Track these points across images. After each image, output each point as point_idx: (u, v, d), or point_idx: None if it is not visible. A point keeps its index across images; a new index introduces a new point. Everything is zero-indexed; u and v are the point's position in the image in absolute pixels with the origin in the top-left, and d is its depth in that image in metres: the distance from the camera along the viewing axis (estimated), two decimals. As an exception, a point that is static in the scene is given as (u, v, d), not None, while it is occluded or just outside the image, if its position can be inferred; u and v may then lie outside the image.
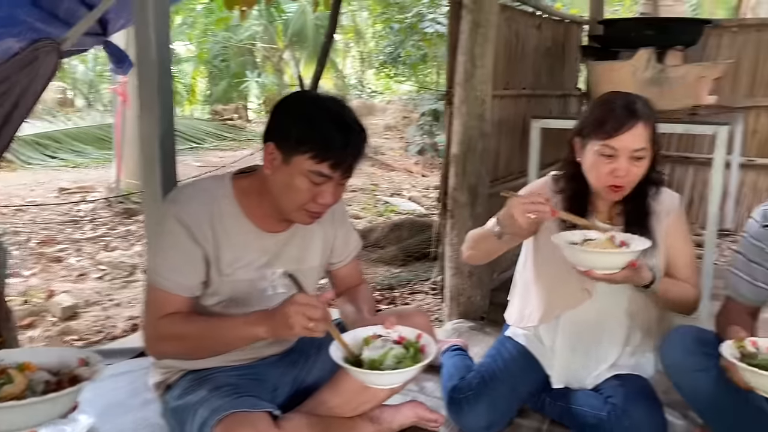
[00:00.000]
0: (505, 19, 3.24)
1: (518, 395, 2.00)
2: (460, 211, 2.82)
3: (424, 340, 1.63)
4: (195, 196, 1.69)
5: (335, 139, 1.56)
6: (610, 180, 1.81)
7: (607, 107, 1.83)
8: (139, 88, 2.35)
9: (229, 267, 1.68)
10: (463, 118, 2.74)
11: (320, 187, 1.59)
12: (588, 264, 1.69)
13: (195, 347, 1.62)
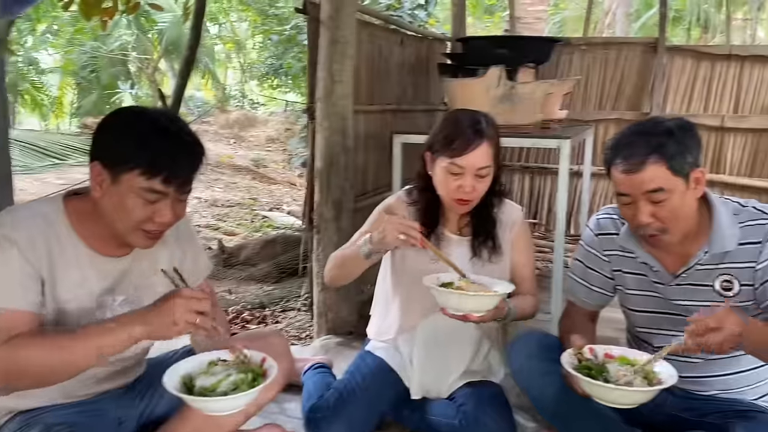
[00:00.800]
0: (367, 36, 3.29)
1: (376, 410, 2.01)
2: (326, 225, 2.82)
3: (268, 363, 1.59)
4: (26, 218, 1.55)
5: (164, 152, 1.48)
6: (458, 195, 1.89)
7: (455, 127, 1.91)
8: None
9: (66, 294, 1.56)
10: (325, 133, 2.75)
11: (156, 205, 1.50)
12: (465, 308, 1.76)
13: (51, 367, 1.44)
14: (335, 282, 2.08)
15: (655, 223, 1.62)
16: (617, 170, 1.64)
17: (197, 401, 1.46)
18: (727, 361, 1.73)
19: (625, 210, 1.69)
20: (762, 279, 1.63)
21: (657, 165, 1.58)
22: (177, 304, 1.40)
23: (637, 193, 1.62)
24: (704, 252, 1.67)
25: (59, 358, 1.44)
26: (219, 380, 1.52)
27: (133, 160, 1.46)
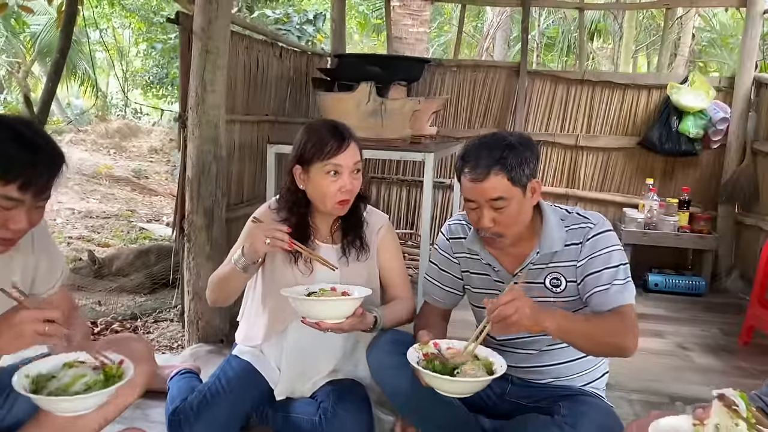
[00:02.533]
0: (244, 47, 3.35)
1: (240, 411, 2.05)
2: (197, 234, 2.83)
3: (125, 365, 1.62)
4: None
5: (20, 158, 1.48)
6: (339, 196, 1.97)
7: (321, 133, 2.00)
8: None
9: None
10: (196, 142, 2.77)
11: (10, 212, 1.50)
12: (317, 314, 1.84)
13: None
14: (218, 303, 2.10)
15: (494, 227, 1.80)
16: (465, 179, 1.81)
17: (45, 401, 1.46)
18: (558, 352, 1.94)
19: (471, 214, 1.86)
20: (582, 275, 1.84)
21: (499, 176, 1.76)
22: (24, 317, 1.40)
23: (481, 200, 1.79)
24: (536, 252, 1.87)
25: None
26: (72, 380, 1.52)
27: None
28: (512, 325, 1.62)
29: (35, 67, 16.33)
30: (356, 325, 1.89)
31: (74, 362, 1.59)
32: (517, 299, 1.60)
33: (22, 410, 1.78)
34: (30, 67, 15.48)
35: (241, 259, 1.92)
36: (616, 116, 4.56)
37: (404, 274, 2.24)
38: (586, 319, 1.77)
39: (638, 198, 4.36)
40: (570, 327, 1.68)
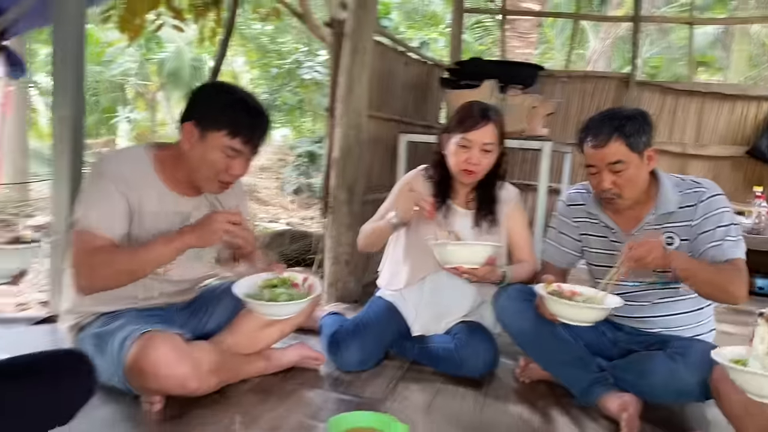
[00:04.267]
0: (379, 54, 3.80)
1: (384, 340, 2.43)
2: (339, 207, 3.27)
3: (310, 280, 2.04)
4: (121, 161, 2.01)
5: (246, 120, 1.96)
6: (465, 165, 2.33)
7: (467, 110, 2.38)
8: (54, 82, 2.63)
9: (148, 223, 1.99)
10: (343, 128, 3.22)
11: (232, 161, 1.97)
12: (457, 259, 2.17)
13: (127, 269, 1.87)
14: (366, 249, 2.51)
15: (613, 188, 2.09)
16: (587, 146, 2.11)
17: (258, 305, 1.90)
18: (669, 305, 2.18)
19: (592, 178, 2.16)
20: (696, 233, 2.09)
21: (618, 143, 2.05)
22: (216, 217, 1.88)
23: (601, 164, 2.09)
24: (652, 214, 2.14)
25: (136, 259, 1.89)
26: (277, 293, 1.96)
27: (222, 123, 1.92)
28: (646, 264, 1.90)
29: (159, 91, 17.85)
30: (488, 274, 2.23)
31: (266, 281, 2.03)
32: (651, 242, 1.89)
33: (214, 322, 2.25)
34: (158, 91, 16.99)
35: (394, 219, 2.31)
36: (725, 126, 4.68)
37: (529, 241, 2.55)
38: (708, 265, 1.99)
39: (745, 205, 4.45)
40: (694, 268, 1.93)
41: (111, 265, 1.86)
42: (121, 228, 1.93)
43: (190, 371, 1.84)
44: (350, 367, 2.34)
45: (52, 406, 1.34)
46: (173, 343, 1.85)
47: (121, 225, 1.93)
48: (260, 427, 1.85)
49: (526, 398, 2.22)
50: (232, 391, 2.08)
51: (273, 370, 2.25)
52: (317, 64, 13.11)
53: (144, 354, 1.79)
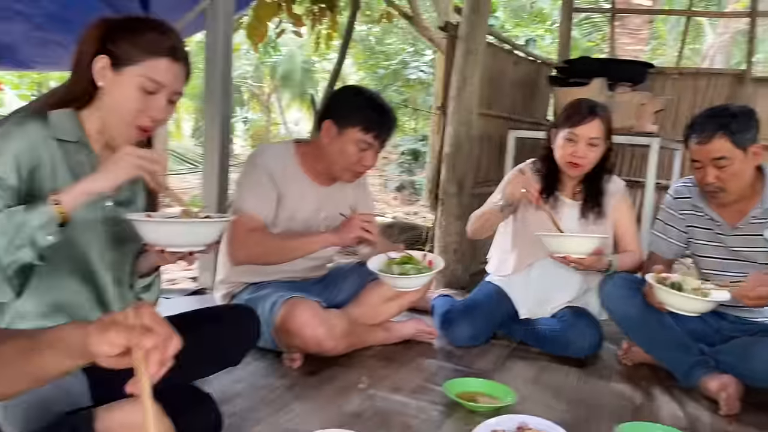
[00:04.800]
0: (490, 54, 3.99)
1: (493, 320, 2.63)
2: (449, 199, 3.50)
3: (430, 257, 2.28)
4: (272, 153, 2.36)
5: (376, 117, 2.25)
6: (570, 158, 2.47)
7: (576, 106, 2.53)
8: (205, 85, 3.03)
9: (291, 207, 2.33)
10: (454, 125, 3.45)
11: (364, 153, 2.26)
12: (566, 249, 2.30)
13: (276, 253, 2.24)
14: (475, 235, 2.69)
15: (717, 183, 2.18)
16: (692, 142, 2.22)
17: (396, 278, 2.16)
18: None
19: (696, 173, 2.26)
20: None
21: (722, 140, 2.13)
22: (354, 222, 2.15)
23: (705, 160, 2.18)
24: (758, 208, 2.21)
25: (285, 248, 2.25)
26: (405, 269, 2.22)
27: (357, 119, 2.22)
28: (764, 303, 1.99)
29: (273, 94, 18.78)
30: (595, 263, 2.35)
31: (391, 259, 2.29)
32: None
33: (344, 295, 2.54)
34: (272, 92, 17.92)
35: (501, 201, 2.50)
36: None
37: (635, 232, 2.65)
38: None
39: None
40: None
41: (263, 246, 2.22)
42: (270, 212, 2.28)
43: (327, 333, 2.14)
44: (461, 342, 2.56)
45: (229, 347, 1.66)
46: (313, 308, 2.16)
47: (270, 209, 2.28)
48: (384, 387, 2.10)
49: (629, 378, 2.35)
50: (357, 355, 2.36)
51: (393, 340, 2.52)
52: (423, 64, 13.38)
53: (290, 316, 2.11)
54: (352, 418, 1.85)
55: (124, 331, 0.81)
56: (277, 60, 16.93)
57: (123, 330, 0.81)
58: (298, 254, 2.27)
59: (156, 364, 0.80)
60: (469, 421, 1.87)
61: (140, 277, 1.66)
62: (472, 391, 2.07)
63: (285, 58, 16.94)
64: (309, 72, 18.03)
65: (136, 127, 1.46)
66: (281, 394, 2.01)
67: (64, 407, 1.38)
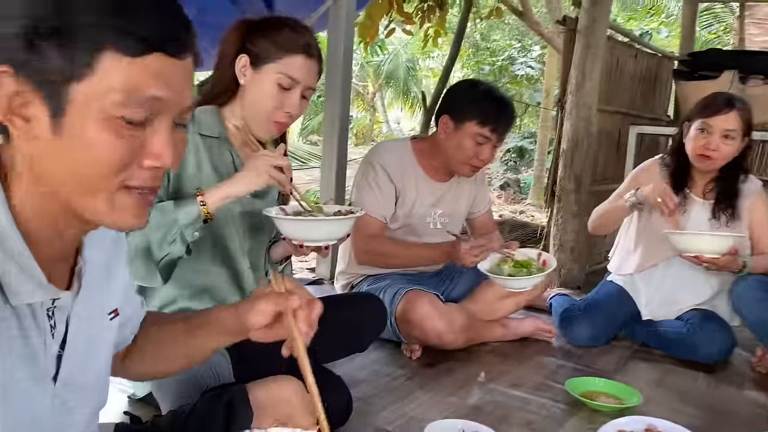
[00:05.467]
0: (609, 48, 3.87)
1: (614, 320, 2.56)
2: (566, 197, 3.43)
3: (544, 256, 2.26)
4: (389, 151, 2.40)
5: (493, 110, 2.25)
6: (701, 150, 2.33)
7: (711, 98, 2.40)
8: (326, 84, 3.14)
9: (409, 203, 2.37)
10: (572, 121, 3.38)
11: (482, 147, 2.26)
12: (699, 248, 2.20)
13: (395, 261, 2.35)
14: (597, 231, 2.64)
15: None
16: None
17: (505, 279, 2.16)
18: None
19: None
20: None
21: None
22: (462, 250, 2.19)
23: None
24: None
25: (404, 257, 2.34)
26: (516, 270, 2.22)
27: (474, 113, 2.22)
28: None
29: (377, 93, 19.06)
30: (729, 263, 2.23)
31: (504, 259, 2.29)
32: None
33: (459, 291, 2.56)
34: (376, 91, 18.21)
35: (632, 198, 2.42)
36: None
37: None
38: None
39: None
40: None
41: (383, 256, 2.33)
42: (389, 211, 2.34)
43: (447, 326, 2.17)
44: (581, 341, 2.51)
45: (360, 332, 1.72)
46: (434, 301, 2.20)
47: (389, 209, 2.34)
48: (503, 382, 2.11)
49: (763, 386, 2.22)
50: (475, 350, 2.38)
51: (510, 337, 2.51)
52: (530, 60, 13.13)
53: (411, 307, 2.16)
54: (473, 411, 1.87)
55: (272, 297, 0.88)
56: (381, 59, 17.17)
57: (271, 297, 0.88)
58: (416, 265, 2.41)
59: (305, 322, 0.85)
60: (593, 420, 1.84)
61: (273, 264, 1.77)
62: (595, 390, 2.03)
63: (389, 57, 17.14)
64: (412, 71, 18.15)
65: (274, 122, 1.55)
66: (403, 383, 2.06)
67: (211, 383, 1.50)
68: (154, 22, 0.66)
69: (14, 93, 0.64)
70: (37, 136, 0.66)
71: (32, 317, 0.72)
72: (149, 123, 0.69)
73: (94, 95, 0.65)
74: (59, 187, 0.69)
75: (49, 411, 0.76)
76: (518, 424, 1.81)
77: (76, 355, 0.80)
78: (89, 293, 0.82)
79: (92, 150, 0.66)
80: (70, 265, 0.80)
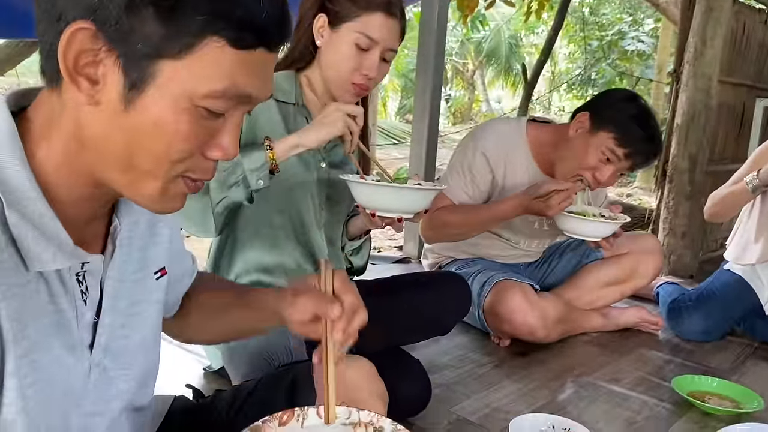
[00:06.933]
0: (734, 12, 3.48)
1: (732, 313, 2.30)
2: (679, 177, 3.12)
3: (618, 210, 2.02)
4: (496, 136, 2.14)
5: (639, 136, 1.92)
6: None
7: None
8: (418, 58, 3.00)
9: (509, 189, 2.12)
10: (689, 93, 3.06)
11: (606, 165, 1.95)
12: None
13: (456, 230, 2.07)
14: (714, 218, 2.37)
15: None
16: None
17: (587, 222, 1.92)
18: None
19: None
20: None
21: None
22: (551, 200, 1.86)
23: None
24: None
25: (472, 219, 2.05)
26: None
27: (615, 127, 1.91)
28: None
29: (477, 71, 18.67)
30: None
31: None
32: None
33: (557, 276, 2.37)
34: (476, 69, 17.83)
35: (755, 180, 2.14)
36: None
37: None
38: None
39: None
40: None
41: (445, 223, 2.06)
42: (472, 199, 2.11)
43: (540, 322, 2.00)
44: (692, 335, 2.27)
45: (440, 313, 1.60)
46: (525, 294, 2.02)
47: (473, 196, 2.10)
48: (601, 377, 1.92)
49: None
50: (571, 340, 2.20)
51: (610, 328, 2.30)
52: (642, 35, 12.34)
53: (500, 300, 2.00)
54: (566, 405, 1.72)
55: (313, 298, 0.81)
56: (482, 35, 16.75)
57: (313, 298, 0.81)
58: (487, 226, 2.09)
59: (341, 332, 0.78)
60: (704, 424, 1.65)
61: (350, 240, 1.67)
62: (707, 391, 1.82)
63: (491, 34, 16.69)
64: (515, 47, 17.59)
65: (352, 84, 1.45)
66: (489, 370, 1.92)
67: (284, 360, 1.43)
68: (267, 17, 0.61)
69: (88, 51, 0.57)
70: (100, 103, 0.59)
71: (60, 282, 0.66)
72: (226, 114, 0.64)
73: (185, 79, 0.59)
74: (106, 161, 0.62)
75: (83, 381, 0.71)
76: (617, 423, 1.63)
77: (117, 319, 0.75)
78: (129, 254, 0.76)
79: (164, 134, 0.60)
80: (104, 226, 0.73)
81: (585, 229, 1.95)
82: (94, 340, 0.72)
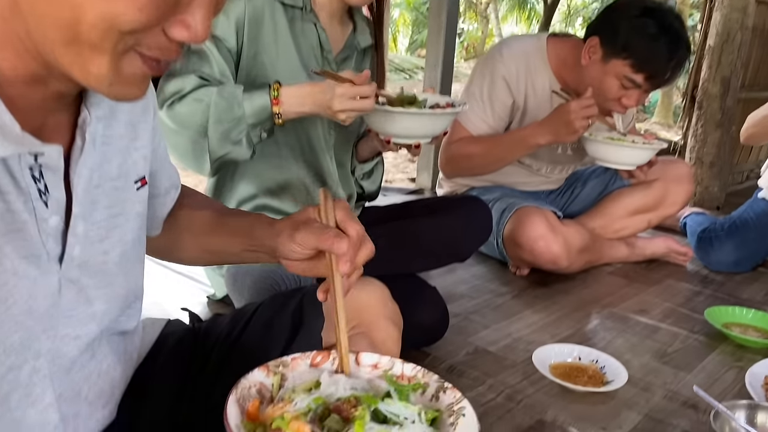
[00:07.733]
0: None
1: (765, 243, 2.17)
2: (709, 102, 2.94)
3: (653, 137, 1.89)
4: (516, 59, 1.93)
5: (659, 54, 1.70)
6: None
7: None
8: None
9: (531, 115, 1.96)
10: (724, 12, 2.84)
11: (627, 92, 1.77)
12: None
13: (480, 162, 1.93)
14: (751, 140, 2.23)
15: None
16: None
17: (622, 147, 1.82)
18: None
19: None
20: None
21: None
22: (573, 116, 1.70)
23: None
24: None
25: (493, 153, 1.91)
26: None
27: (630, 51, 1.71)
28: None
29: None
30: None
31: None
32: None
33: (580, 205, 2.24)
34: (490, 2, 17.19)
35: None
36: None
37: None
38: None
39: None
40: None
41: (468, 154, 1.92)
42: (493, 129, 1.94)
43: (562, 250, 1.88)
44: (722, 267, 2.15)
45: (458, 238, 1.48)
46: (548, 221, 1.89)
47: (494, 126, 1.94)
48: (628, 308, 1.82)
49: None
50: (594, 272, 2.09)
51: (635, 258, 2.18)
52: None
53: (521, 228, 1.87)
54: (591, 336, 1.62)
55: (315, 232, 0.71)
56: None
57: (315, 231, 0.71)
58: (507, 160, 1.94)
59: (348, 265, 0.69)
60: (739, 357, 1.56)
61: (361, 163, 1.54)
62: (741, 322, 1.72)
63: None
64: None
65: None
66: (508, 301, 1.82)
67: (291, 285, 1.33)
68: None
69: None
70: None
71: (8, 175, 0.53)
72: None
73: None
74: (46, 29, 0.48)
75: (53, 299, 0.59)
76: (646, 356, 1.53)
77: (92, 230, 0.63)
78: (106, 155, 0.64)
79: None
80: (71, 116, 0.60)
81: (620, 155, 1.82)
82: (64, 252, 0.60)
